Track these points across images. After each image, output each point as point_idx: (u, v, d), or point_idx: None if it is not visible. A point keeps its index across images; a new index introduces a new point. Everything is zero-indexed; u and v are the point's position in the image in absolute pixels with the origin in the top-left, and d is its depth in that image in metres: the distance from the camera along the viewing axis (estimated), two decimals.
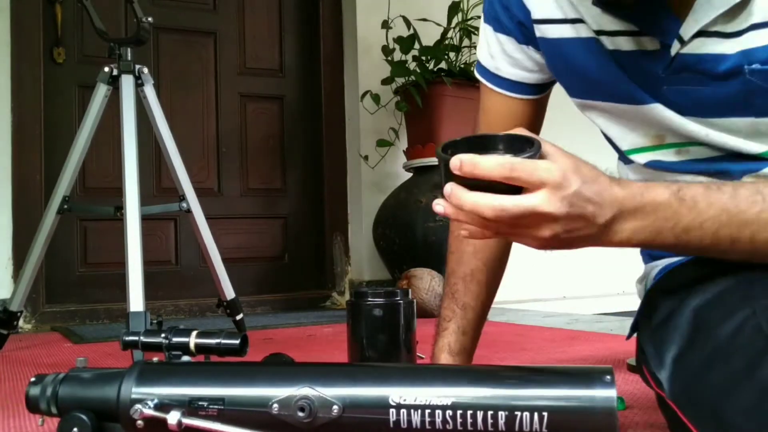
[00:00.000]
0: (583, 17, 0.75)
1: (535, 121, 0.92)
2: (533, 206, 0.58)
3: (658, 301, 0.75)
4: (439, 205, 0.62)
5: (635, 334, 0.83)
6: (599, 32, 0.74)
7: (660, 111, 0.73)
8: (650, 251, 0.85)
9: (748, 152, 0.70)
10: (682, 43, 0.68)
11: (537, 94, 0.90)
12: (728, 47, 0.66)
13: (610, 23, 0.72)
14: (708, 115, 0.70)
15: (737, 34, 0.65)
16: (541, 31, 0.80)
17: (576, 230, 0.61)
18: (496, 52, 0.88)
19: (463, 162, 0.58)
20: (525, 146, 0.62)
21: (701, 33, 0.66)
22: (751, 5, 0.64)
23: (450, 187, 0.60)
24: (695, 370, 0.64)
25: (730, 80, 0.67)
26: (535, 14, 0.80)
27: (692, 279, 0.71)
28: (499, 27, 0.86)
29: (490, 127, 0.92)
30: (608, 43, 0.74)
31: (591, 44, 0.75)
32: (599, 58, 0.75)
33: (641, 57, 0.72)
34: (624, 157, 0.83)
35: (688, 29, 0.67)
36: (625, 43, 0.72)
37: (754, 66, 0.65)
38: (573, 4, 0.75)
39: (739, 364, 0.58)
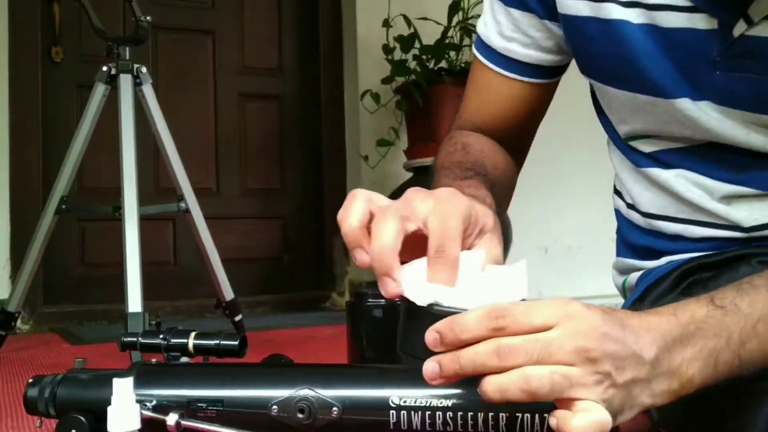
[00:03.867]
0: None
1: (539, 109, 0.82)
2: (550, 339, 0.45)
3: None
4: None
5: None
6: (634, 3, 0.64)
7: (689, 109, 0.64)
8: (627, 240, 0.80)
9: None
10: (750, 23, 0.59)
11: (549, 78, 0.79)
12: None
13: None
14: (761, 110, 0.62)
15: None
16: (561, 5, 0.70)
17: (622, 369, 0.46)
18: (508, 30, 0.76)
19: (442, 333, 0.47)
20: None
21: None
22: None
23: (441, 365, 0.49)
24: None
25: None
26: None
27: (674, 296, 0.69)
28: (514, 2, 0.75)
29: (487, 110, 0.82)
30: (644, 17, 0.64)
31: (613, 27, 0.66)
32: (621, 42, 0.66)
33: (692, 36, 0.62)
34: (621, 143, 0.76)
35: (760, 8, 0.58)
36: (672, 20, 0.62)
37: None
38: None
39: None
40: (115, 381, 0.55)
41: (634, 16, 0.65)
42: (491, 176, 0.72)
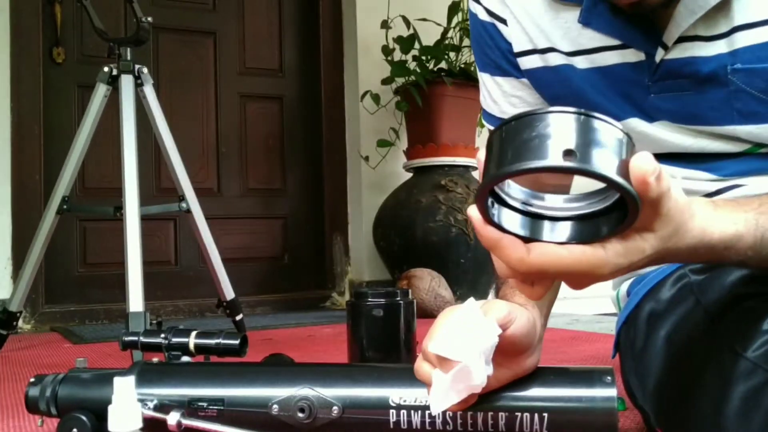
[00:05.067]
0: (555, 44, 0.76)
1: None
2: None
3: (637, 326, 0.76)
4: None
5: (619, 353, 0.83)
6: (577, 53, 0.74)
7: (641, 125, 0.73)
8: None
9: (727, 152, 0.71)
10: (666, 49, 0.69)
11: None
12: (709, 50, 0.68)
13: (590, 41, 0.73)
14: (694, 122, 0.71)
15: (718, 37, 0.67)
16: (521, 63, 0.81)
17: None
18: (497, 96, 0.86)
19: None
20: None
21: (683, 38, 0.68)
22: (732, 9, 0.66)
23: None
24: (676, 400, 0.65)
25: (714, 83, 0.68)
26: (515, 48, 0.80)
27: (665, 302, 0.72)
28: (496, 71, 0.85)
29: None
30: (587, 62, 0.74)
31: (560, 71, 0.76)
32: (570, 82, 0.76)
33: (626, 69, 0.72)
34: None
35: (670, 35, 0.68)
36: (608, 58, 0.73)
37: (735, 65, 0.66)
38: (544, 31, 0.76)
39: (715, 388, 0.58)
40: (116, 380, 0.55)
41: (576, 61, 0.75)
42: None
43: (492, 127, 0.87)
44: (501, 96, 0.85)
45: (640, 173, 0.44)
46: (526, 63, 0.80)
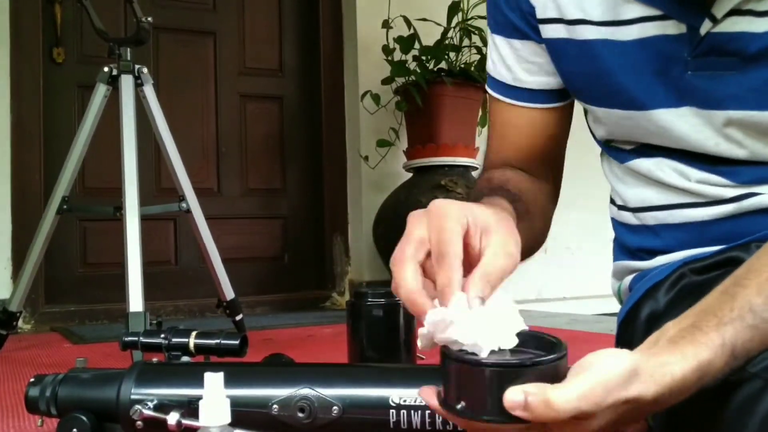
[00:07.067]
0: (587, 13, 0.70)
1: (559, 133, 0.84)
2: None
3: (635, 326, 0.75)
4: None
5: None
6: (612, 23, 0.69)
7: (664, 119, 0.69)
8: (622, 243, 0.82)
9: (756, 159, 0.68)
10: (714, 21, 0.63)
11: (561, 101, 0.81)
12: (761, 26, 0.62)
13: (629, 11, 0.67)
14: (730, 106, 0.66)
15: None
16: (543, 31, 0.75)
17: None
18: (512, 61, 0.80)
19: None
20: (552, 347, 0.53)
21: (734, 11, 0.63)
22: None
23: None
24: (672, 405, 0.64)
25: (761, 62, 0.63)
26: (538, 13, 0.74)
27: (665, 303, 0.71)
28: (513, 32, 0.78)
29: (509, 144, 0.84)
30: (622, 34, 0.69)
31: (586, 46, 0.71)
32: (595, 59, 0.71)
33: (665, 42, 0.67)
34: (604, 145, 0.80)
35: (721, 7, 0.63)
36: (647, 30, 0.67)
37: None
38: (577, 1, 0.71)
39: (711, 393, 0.58)
40: (207, 375, 0.55)
41: (608, 33, 0.69)
42: (513, 193, 0.74)
43: (497, 95, 0.82)
44: (516, 61, 0.79)
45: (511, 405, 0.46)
46: (549, 32, 0.74)
